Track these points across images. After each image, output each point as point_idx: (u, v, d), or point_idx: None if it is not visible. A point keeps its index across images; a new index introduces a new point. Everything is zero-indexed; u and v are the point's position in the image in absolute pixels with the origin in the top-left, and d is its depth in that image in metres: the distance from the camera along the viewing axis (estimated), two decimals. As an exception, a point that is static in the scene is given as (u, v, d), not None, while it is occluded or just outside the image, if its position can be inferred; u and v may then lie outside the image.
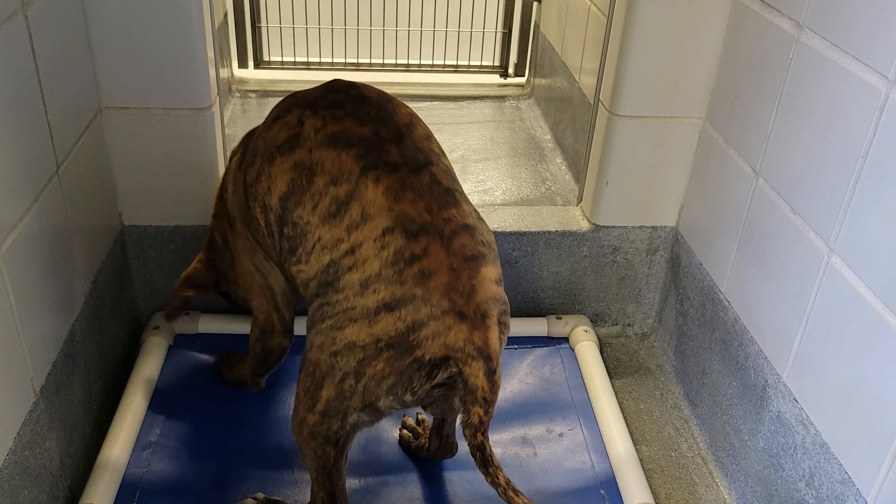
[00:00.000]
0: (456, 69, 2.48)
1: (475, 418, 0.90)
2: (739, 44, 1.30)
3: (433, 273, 0.92)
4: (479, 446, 0.91)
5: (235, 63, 2.40)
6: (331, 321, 0.96)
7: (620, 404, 1.44)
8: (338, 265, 0.97)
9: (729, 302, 1.32)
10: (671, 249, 1.57)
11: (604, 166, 1.49)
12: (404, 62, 2.45)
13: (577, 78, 1.93)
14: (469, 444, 0.92)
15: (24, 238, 1.04)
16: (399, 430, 1.33)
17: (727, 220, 1.33)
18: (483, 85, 2.47)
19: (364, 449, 1.31)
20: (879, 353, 0.94)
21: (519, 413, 1.41)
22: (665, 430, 1.43)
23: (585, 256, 1.58)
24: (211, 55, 1.35)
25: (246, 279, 1.24)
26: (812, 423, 1.07)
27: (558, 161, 2.05)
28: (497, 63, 2.51)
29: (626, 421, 1.39)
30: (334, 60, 2.44)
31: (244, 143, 1.20)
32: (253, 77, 2.41)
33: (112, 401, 1.36)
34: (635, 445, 1.34)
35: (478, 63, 2.49)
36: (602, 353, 1.56)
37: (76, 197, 1.23)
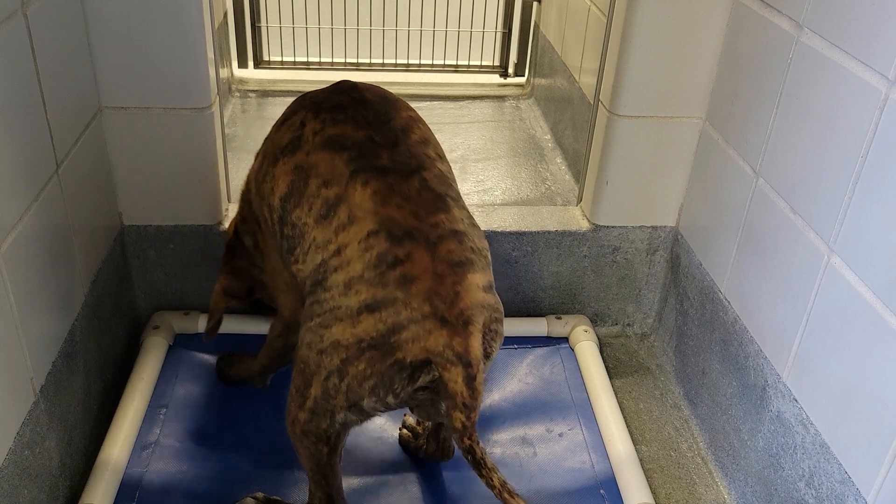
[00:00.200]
0: (456, 69, 2.48)
1: (457, 423, 0.90)
2: (739, 44, 1.30)
3: (416, 277, 0.92)
4: (469, 450, 0.91)
5: (235, 63, 2.40)
6: (319, 319, 0.97)
7: (620, 404, 1.44)
8: (326, 265, 0.98)
9: (729, 302, 1.32)
10: (671, 249, 1.57)
11: (604, 166, 1.49)
12: (404, 62, 2.45)
13: (576, 78, 1.93)
14: (459, 448, 0.92)
15: (24, 238, 1.04)
16: (399, 430, 1.33)
17: (727, 220, 1.33)
18: (483, 85, 2.47)
19: (364, 449, 1.31)
20: (879, 353, 0.94)
21: (519, 413, 1.41)
22: (665, 430, 1.43)
23: (585, 256, 1.58)
24: (211, 55, 1.35)
25: (274, 276, 1.25)
26: (812, 423, 1.07)
27: (558, 161, 2.05)
28: (497, 63, 2.51)
29: (625, 421, 1.39)
30: (334, 60, 2.44)
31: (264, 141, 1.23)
32: (253, 77, 2.42)
33: (112, 400, 1.36)
34: (635, 445, 1.34)
35: (478, 63, 2.49)
36: (602, 352, 1.56)
37: (76, 196, 1.23)
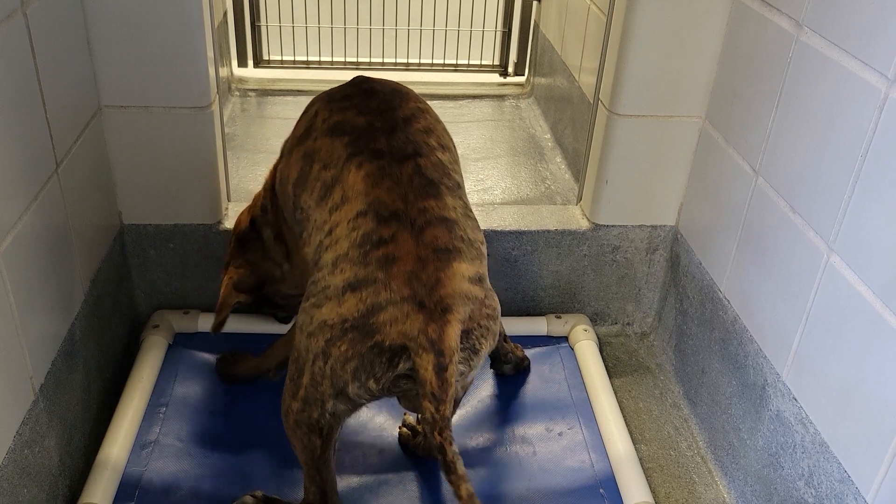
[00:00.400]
0: (456, 68, 2.48)
1: (427, 413, 0.88)
2: (739, 43, 1.30)
3: (398, 259, 0.93)
4: (440, 448, 0.89)
5: (235, 62, 2.40)
6: (314, 299, 0.98)
7: (620, 403, 1.44)
8: (321, 245, 1.00)
9: (728, 301, 1.32)
10: (671, 248, 1.57)
11: (603, 165, 1.49)
12: (404, 61, 2.45)
13: (576, 77, 1.92)
14: (433, 445, 0.89)
15: (24, 237, 1.04)
16: (399, 429, 1.33)
17: (727, 219, 1.33)
18: (483, 84, 2.47)
19: (364, 447, 1.31)
20: (879, 353, 0.94)
21: (518, 412, 1.41)
22: (664, 429, 1.43)
23: (585, 255, 1.58)
24: (210, 54, 1.35)
25: (304, 267, 1.25)
26: (811, 422, 1.07)
27: (558, 160, 2.05)
28: (497, 62, 2.51)
29: (625, 420, 1.39)
30: (334, 59, 2.44)
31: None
32: (252, 76, 2.42)
33: (111, 399, 1.36)
34: (635, 444, 1.34)
35: (477, 62, 2.49)
36: (601, 352, 1.56)
37: (75, 196, 1.23)
